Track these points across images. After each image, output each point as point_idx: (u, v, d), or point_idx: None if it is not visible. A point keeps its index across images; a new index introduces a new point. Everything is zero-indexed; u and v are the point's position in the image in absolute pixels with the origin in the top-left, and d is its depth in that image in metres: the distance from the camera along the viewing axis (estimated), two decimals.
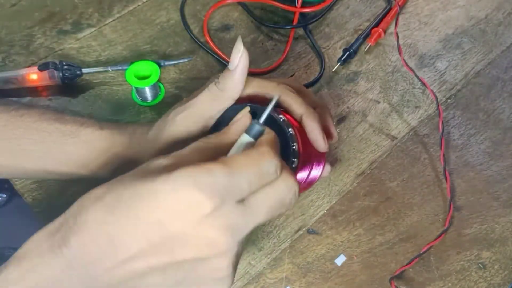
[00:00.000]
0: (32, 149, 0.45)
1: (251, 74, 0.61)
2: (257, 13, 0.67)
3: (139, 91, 0.58)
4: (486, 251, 0.49)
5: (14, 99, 0.58)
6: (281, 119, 0.40)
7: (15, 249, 0.32)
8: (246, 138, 0.35)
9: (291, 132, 0.40)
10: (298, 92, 0.43)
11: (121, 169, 0.44)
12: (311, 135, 0.41)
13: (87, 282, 0.31)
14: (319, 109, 0.44)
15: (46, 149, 0.45)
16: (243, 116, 0.37)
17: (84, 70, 0.59)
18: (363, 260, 0.49)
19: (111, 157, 0.44)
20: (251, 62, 0.63)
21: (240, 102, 0.40)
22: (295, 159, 0.39)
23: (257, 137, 0.34)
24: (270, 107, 0.35)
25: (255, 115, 0.37)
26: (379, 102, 0.60)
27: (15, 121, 0.44)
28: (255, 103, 0.39)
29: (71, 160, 0.45)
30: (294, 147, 0.39)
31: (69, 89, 0.59)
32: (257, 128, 0.34)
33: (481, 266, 0.49)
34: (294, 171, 0.40)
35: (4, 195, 0.83)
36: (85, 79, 0.60)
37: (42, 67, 0.57)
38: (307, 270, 0.48)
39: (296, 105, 0.41)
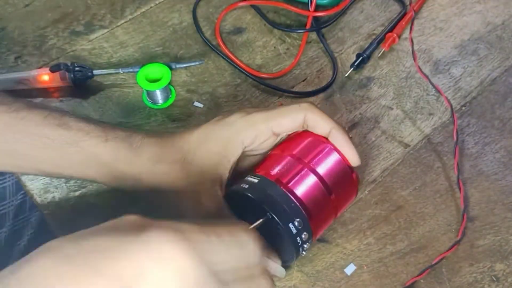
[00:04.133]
0: (32, 154, 0.43)
1: (263, 78, 0.61)
2: (270, 16, 0.66)
3: (150, 94, 0.58)
4: (500, 264, 0.48)
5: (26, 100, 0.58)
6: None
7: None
8: None
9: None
10: None
11: (124, 185, 0.44)
12: (343, 148, 0.42)
13: None
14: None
15: (47, 155, 0.42)
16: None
17: (95, 72, 0.59)
18: (373, 270, 0.48)
19: (114, 171, 0.43)
20: (263, 66, 0.63)
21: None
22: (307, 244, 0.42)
23: None
24: (260, 221, 0.39)
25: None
26: (392, 109, 0.59)
27: (15, 124, 0.41)
28: None
29: (72, 167, 0.44)
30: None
31: (80, 91, 0.59)
32: None
33: (494, 279, 0.47)
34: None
35: None
36: (96, 81, 0.60)
37: (54, 68, 0.57)
38: (316, 279, 0.47)
39: (323, 121, 0.42)
